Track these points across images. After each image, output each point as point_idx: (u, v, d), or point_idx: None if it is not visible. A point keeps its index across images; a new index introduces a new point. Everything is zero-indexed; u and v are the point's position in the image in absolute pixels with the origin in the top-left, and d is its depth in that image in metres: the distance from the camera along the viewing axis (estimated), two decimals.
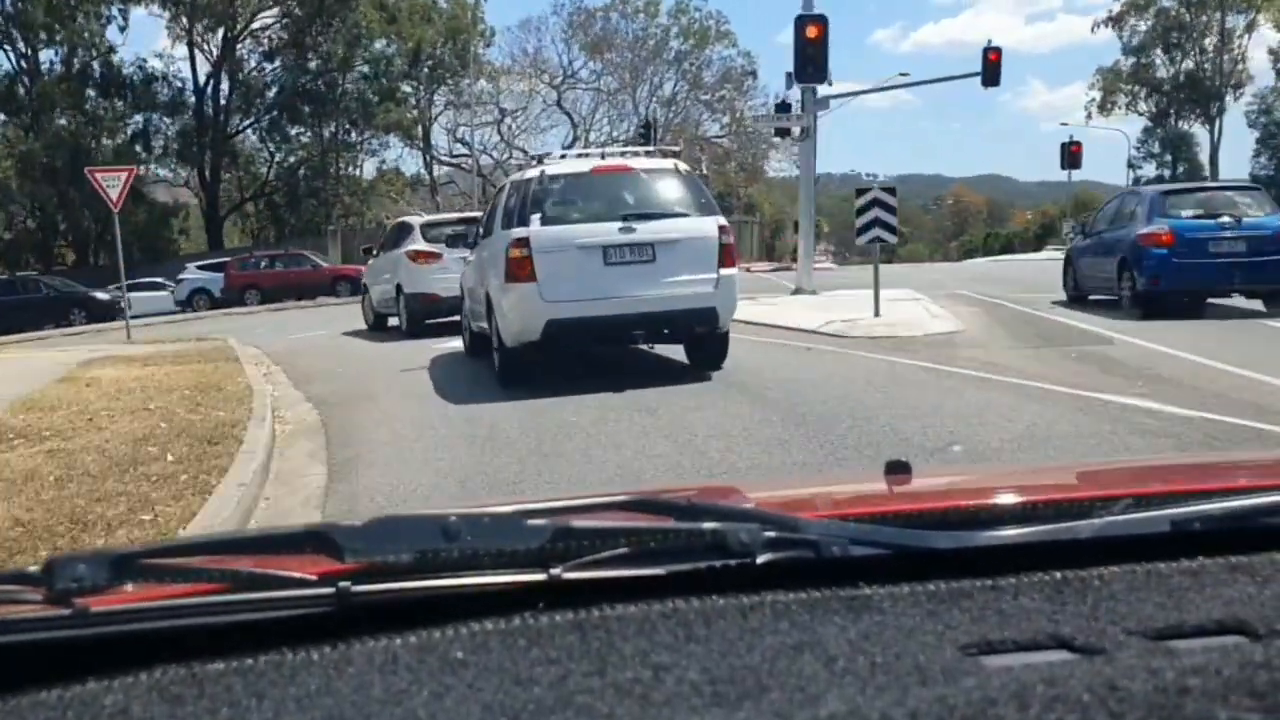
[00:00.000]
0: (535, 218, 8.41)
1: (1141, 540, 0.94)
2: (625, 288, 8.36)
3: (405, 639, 0.77)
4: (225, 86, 45.41)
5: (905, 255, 52.46)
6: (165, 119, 45.61)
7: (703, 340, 9.07)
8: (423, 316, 14.27)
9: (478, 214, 14.50)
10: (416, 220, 15.86)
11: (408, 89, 46.94)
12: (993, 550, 0.92)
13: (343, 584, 0.81)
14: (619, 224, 8.41)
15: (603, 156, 9.67)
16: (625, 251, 8.39)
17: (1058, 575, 0.88)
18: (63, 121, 40.27)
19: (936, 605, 0.83)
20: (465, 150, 52.98)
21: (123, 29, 45.77)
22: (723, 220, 8.88)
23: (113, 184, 17.53)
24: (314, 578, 0.83)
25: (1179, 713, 0.61)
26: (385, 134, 45.92)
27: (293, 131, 46.71)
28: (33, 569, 0.80)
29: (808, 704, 0.67)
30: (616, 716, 0.67)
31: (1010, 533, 0.95)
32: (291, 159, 47.36)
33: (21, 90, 41.36)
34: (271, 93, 45.12)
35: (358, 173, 48.04)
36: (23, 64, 42.30)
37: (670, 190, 8.86)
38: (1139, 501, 1.06)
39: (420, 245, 14.50)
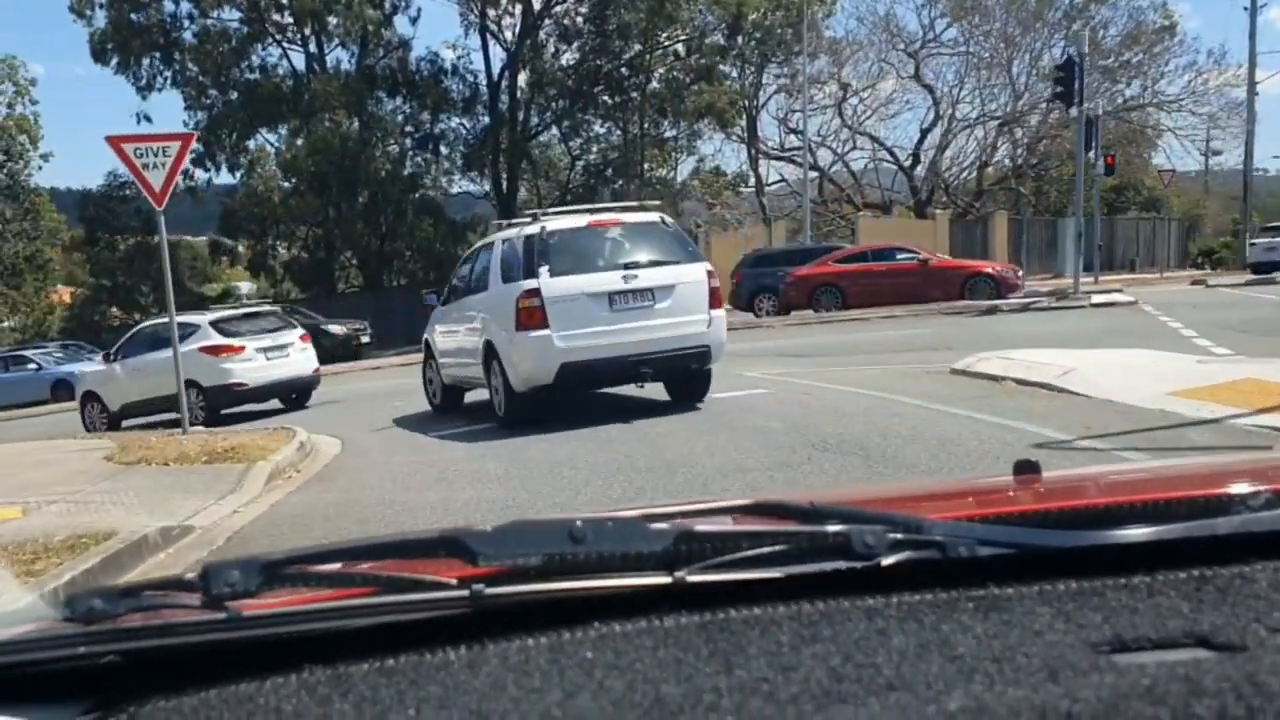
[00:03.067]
0: (544, 269, 8.99)
1: None
2: (630, 331, 9.08)
3: (537, 640, 0.80)
4: (523, 79, 39.09)
5: None
6: (457, 119, 40.08)
7: (693, 376, 9.79)
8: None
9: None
10: (203, 318, 14.95)
11: (727, 69, 38.36)
12: (1124, 549, 0.90)
13: (476, 586, 0.83)
14: (622, 272, 9.14)
15: (592, 212, 10.04)
16: (629, 297, 9.15)
17: (1195, 573, 0.87)
18: (335, 123, 35.18)
19: (1066, 604, 0.83)
20: (798, 142, 43.93)
21: (414, 20, 40.60)
22: (709, 266, 9.77)
23: (153, 161, 9.82)
24: (451, 581, 0.85)
25: None
26: (697, 120, 37.46)
27: (597, 129, 39.69)
28: (190, 575, 0.85)
29: (934, 701, 0.68)
30: (744, 713, 0.68)
31: (1142, 531, 0.93)
32: (592, 157, 40.33)
33: (306, 96, 36.97)
34: (570, 81, 38.04)
35: (670, 174, 40.21)
36: (314, 67, 38.24)
37: (660, 240, 9.61)
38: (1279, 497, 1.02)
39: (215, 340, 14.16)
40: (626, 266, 9.07)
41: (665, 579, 0.85)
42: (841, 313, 21.83)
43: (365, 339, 25.13)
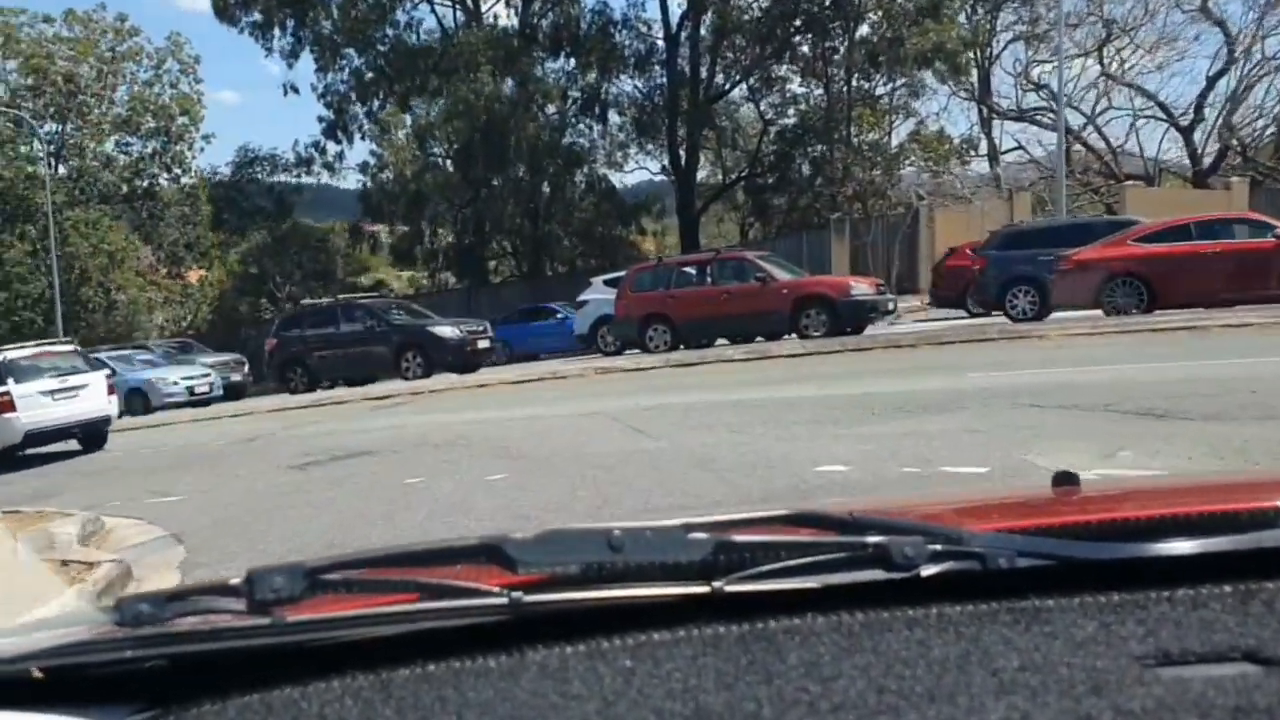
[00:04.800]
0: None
1: None
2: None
3: (575, 648, 0.81)
4: (705, 26, 32.76)
5: None
6: (629, 79, 34.20)
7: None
8: None
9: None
10: None
11: (954, 9, 30.72)
12: (1167, 561, 0.89)
13: (515, 594, 0.84)
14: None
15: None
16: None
17: (1240, 587, 0.86)
18: (480, 83, 29.79)
19: (1109, 616, 0.83)
20: (1039, 101, 35.73)
21: None
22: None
23: None
24: (492, 588, 0.85)
25: None
26: (919, 68, 30.04)
27: (793, 87, 32.97)
28: (234, 581, 0.85)
29: (975, 713, 0.69)
30: None
31: (1187, 544, 0.91)
32: (789, 119, 33.59)
33: (450, 52, 31.90)
34: (762, 26, 31.33)
35: (883, 138, 32.98)
36: (470, 25, 33.32)
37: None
38: None
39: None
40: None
41: (704, 588, 0.85)
42: (1149, 316, 14.54)
43: (484, 344, 19.56)
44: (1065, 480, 1.40)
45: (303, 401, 17.26)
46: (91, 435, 13.49)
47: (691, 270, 18.76)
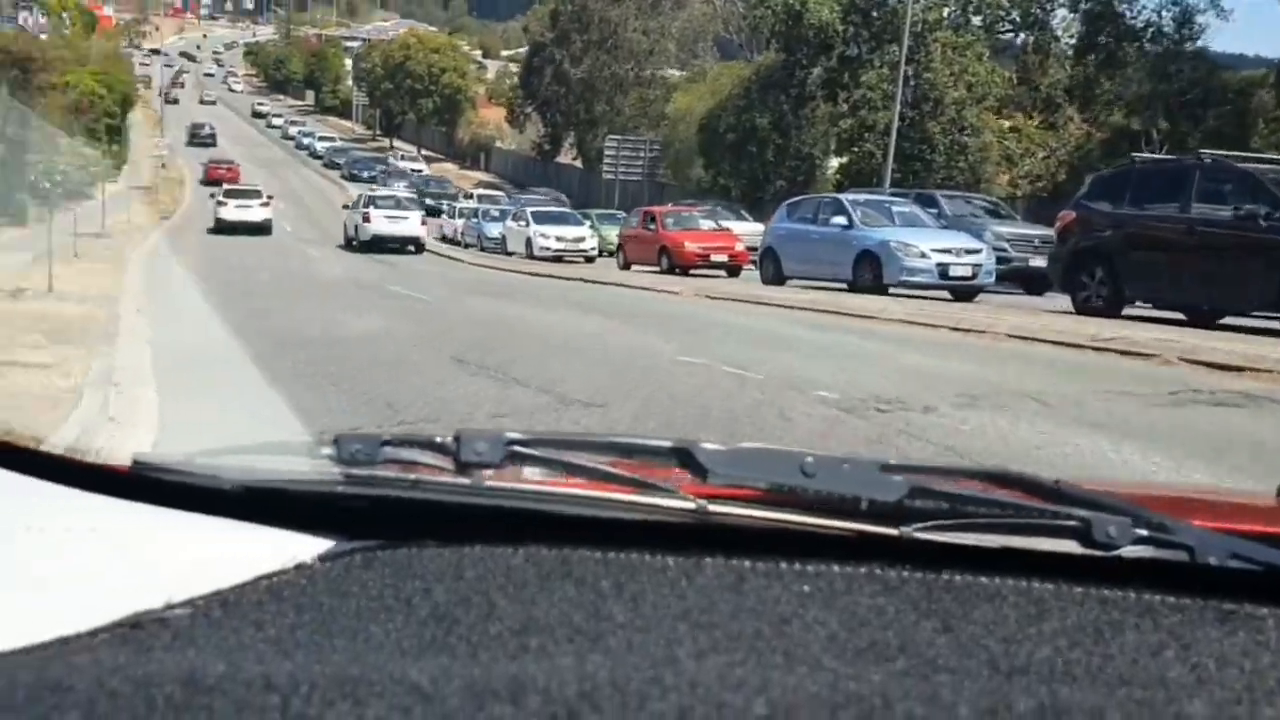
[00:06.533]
0: None
1: None
2: None
3: (754, 564, 0.81)
4: None
5: None
6: None
7: None
8: None
9: None
10: None
11: None
12: None
13: (701, 501, 0.85)
14: None
15: None
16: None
17: None
18: None
19: None
20: None
21: None
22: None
23: None
24: (682, 491, 0.86)
25: None
26: None
27: None
28: (441, 438, 0.89)
29: (1173, 703, 0.67)
30: (964, 672, 0.68)
31: None
32: None
33: None
34: None
35: None
36: None
37: None
38: None
39: None
40: None
41: (893, 530, 0.84)
42: None
43: None
44: None
45: (1102, 335, 9.32)
46: (411, 243, 27.16)
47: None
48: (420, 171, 49.24)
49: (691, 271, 20.01)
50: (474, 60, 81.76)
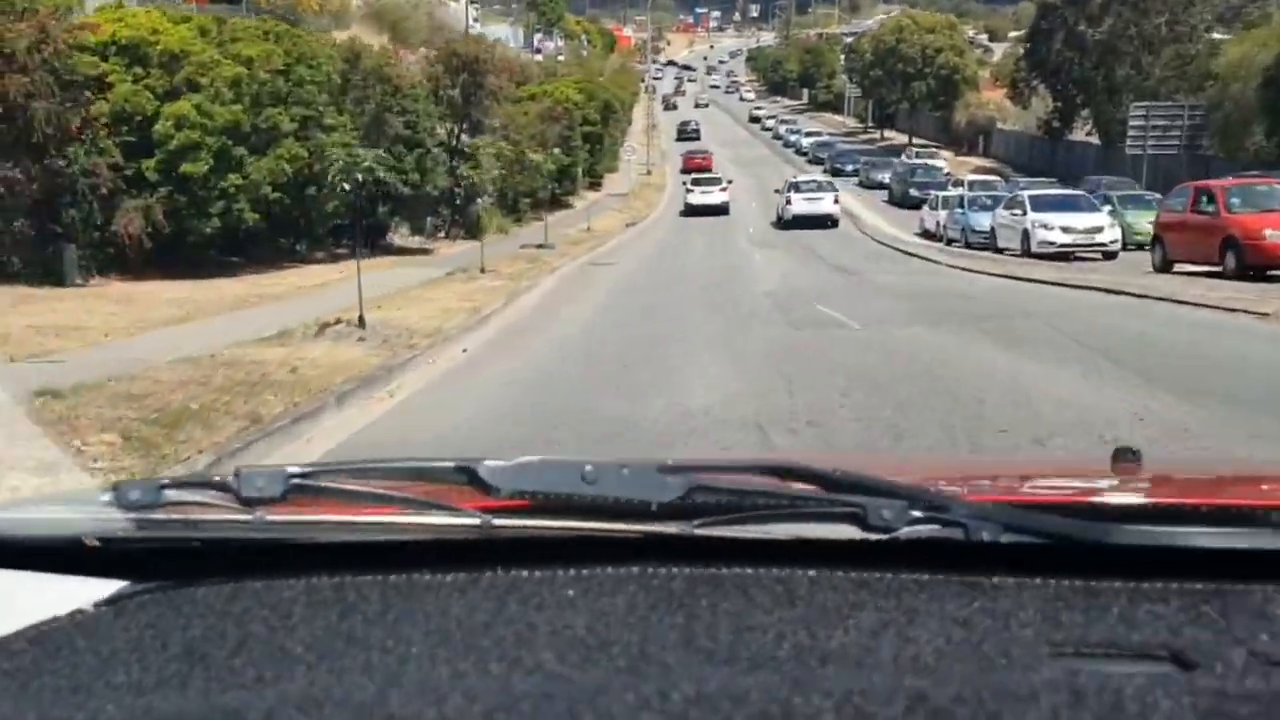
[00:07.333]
0: None
1: None
2: None
3: (531, 573, 0.84)
4: None
5: None
6: None
7: None
8: None
9: None
10: None
11: None
12: (1153, 550, 0.86)
13: (485, 517, 0.87)
14: None
15: None
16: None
17: (1211, 586, 0.83)
18: None
19: (1054, 601, 0.82)
20: None
21: None
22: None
23: None
24: (464, 509, 0.88)
25: None
26: None
27: None
28: (221, 478, 0.90)
29: (880, 674, 0.69)
30: (684, 664, 0.71)
31: (1181, 530, 0.89)
32: None
33: None
34: None
35: None
36: None
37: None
38: None
39: None
40: None
41: (672, 529, 0.86)
42: None
43: None
44: (1125, 456, 1.34)
45: None
46: (827, 220, 30.43)
47: None
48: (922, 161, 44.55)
49: (1270, 273, 13.84)
50: (978, 44, 75.64)
